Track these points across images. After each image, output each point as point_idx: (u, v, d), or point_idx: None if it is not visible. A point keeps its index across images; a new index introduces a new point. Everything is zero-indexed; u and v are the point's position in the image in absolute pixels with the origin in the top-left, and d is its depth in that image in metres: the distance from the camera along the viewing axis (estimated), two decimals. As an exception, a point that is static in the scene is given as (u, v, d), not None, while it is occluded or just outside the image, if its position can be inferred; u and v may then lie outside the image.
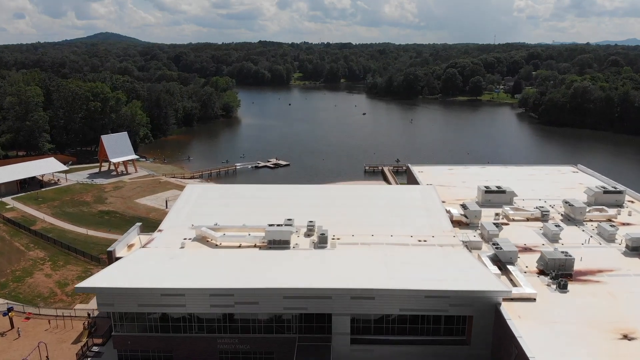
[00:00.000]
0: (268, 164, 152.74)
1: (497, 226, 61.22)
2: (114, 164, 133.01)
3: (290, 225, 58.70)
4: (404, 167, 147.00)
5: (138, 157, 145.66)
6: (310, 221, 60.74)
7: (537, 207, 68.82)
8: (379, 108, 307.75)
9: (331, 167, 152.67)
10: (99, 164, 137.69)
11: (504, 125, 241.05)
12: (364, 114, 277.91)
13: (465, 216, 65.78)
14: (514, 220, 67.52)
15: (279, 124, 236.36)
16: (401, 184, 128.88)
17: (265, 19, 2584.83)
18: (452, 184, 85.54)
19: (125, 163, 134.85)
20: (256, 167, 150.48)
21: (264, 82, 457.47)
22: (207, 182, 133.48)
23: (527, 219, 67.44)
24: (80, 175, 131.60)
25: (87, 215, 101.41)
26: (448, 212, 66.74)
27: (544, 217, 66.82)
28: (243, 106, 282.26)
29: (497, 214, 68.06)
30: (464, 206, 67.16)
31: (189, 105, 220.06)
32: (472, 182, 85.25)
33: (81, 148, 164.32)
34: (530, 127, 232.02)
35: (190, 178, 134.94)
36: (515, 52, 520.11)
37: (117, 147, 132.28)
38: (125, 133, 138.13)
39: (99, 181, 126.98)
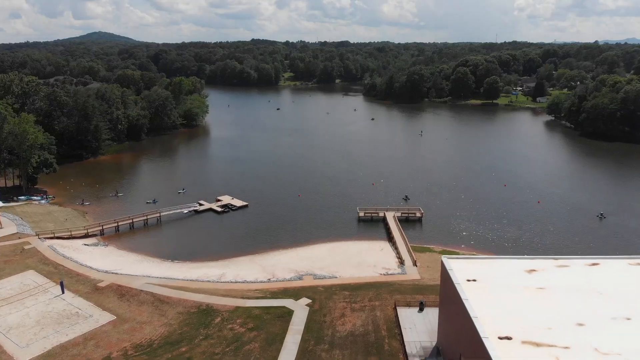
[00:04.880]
0: (214, 205, 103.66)
1: None
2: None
3: None
4: (417, 214, 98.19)
5: (14, 201, 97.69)
6: None
7: None
8: (379, 113, 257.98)
9: (308, 210, 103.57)
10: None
11: (536, 139, 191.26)
12: (373, 119, 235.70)
13: None
14: None
15: (252, 136, 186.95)
16: (412, 246, 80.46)
17: (264, 18, 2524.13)
18: (551, 330, 36.55)
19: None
20: (195, 211, 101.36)
21: (250, 83, 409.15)
22: (105, 244, 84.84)
23: None
24: None
25: None
26: None
27: None
28: (216, 111, 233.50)
29: None
30: None
31: (134, 114, 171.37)
32: (589, 316, 37.42)
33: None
34: (571, 142, 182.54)
35: (83, 237, 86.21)
36: (527, 49, 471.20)
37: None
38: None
39: None
